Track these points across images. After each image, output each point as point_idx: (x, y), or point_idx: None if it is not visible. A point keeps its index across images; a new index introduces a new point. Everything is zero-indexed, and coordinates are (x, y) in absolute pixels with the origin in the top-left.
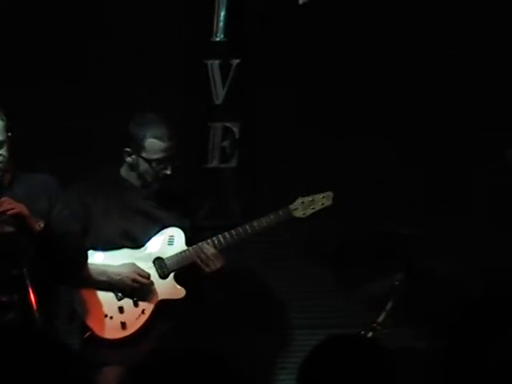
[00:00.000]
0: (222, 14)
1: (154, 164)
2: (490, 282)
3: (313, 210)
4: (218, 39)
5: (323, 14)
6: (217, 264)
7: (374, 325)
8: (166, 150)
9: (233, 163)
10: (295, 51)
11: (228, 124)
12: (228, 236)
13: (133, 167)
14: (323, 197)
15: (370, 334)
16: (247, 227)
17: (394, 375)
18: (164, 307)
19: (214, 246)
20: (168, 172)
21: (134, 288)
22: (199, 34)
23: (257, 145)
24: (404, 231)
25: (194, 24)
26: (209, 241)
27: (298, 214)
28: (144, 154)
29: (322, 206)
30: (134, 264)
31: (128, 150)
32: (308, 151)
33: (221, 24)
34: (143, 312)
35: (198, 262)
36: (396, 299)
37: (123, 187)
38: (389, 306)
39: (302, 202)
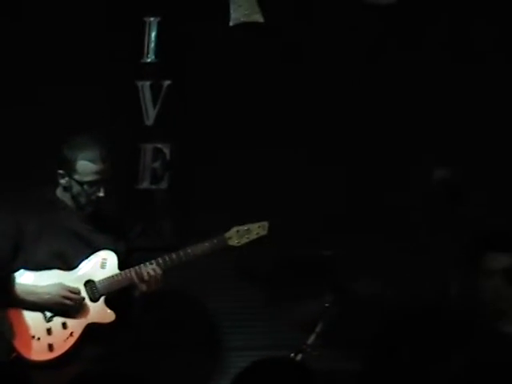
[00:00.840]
0: (153, 34)
1: (85, 186)
2: (412, 305)
3: (247, 240)
4: (148, 60)
5: (255, 36)
6: (156, 285)
7: (304, 347)
8: (98, 173)
9: (164, 184)
10: (226, 72)
11: (159, 145)
12: (161, 261)
13: (66, 189)
14: (259, 226)
15: (299, 356)
16: (181, 254)
17: None
18: (93, 330)
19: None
20: (101, 194)
21: (65, 305)
22: (130, 55)
23: (188, 166)
24: (327, 253)
25: (124, 45)
26: (153, 261)
27: (233, 242)
28: (76, 177)
29: (257, 236)
30: (62, 283)
31: (61, 172)
32: (238, 172)
33: (152, 45)
34: (71, 334)
35: (138, 281)
36: (326, 321)
37: (58, 208)
38: (319, 328)
39: (237, 231)
